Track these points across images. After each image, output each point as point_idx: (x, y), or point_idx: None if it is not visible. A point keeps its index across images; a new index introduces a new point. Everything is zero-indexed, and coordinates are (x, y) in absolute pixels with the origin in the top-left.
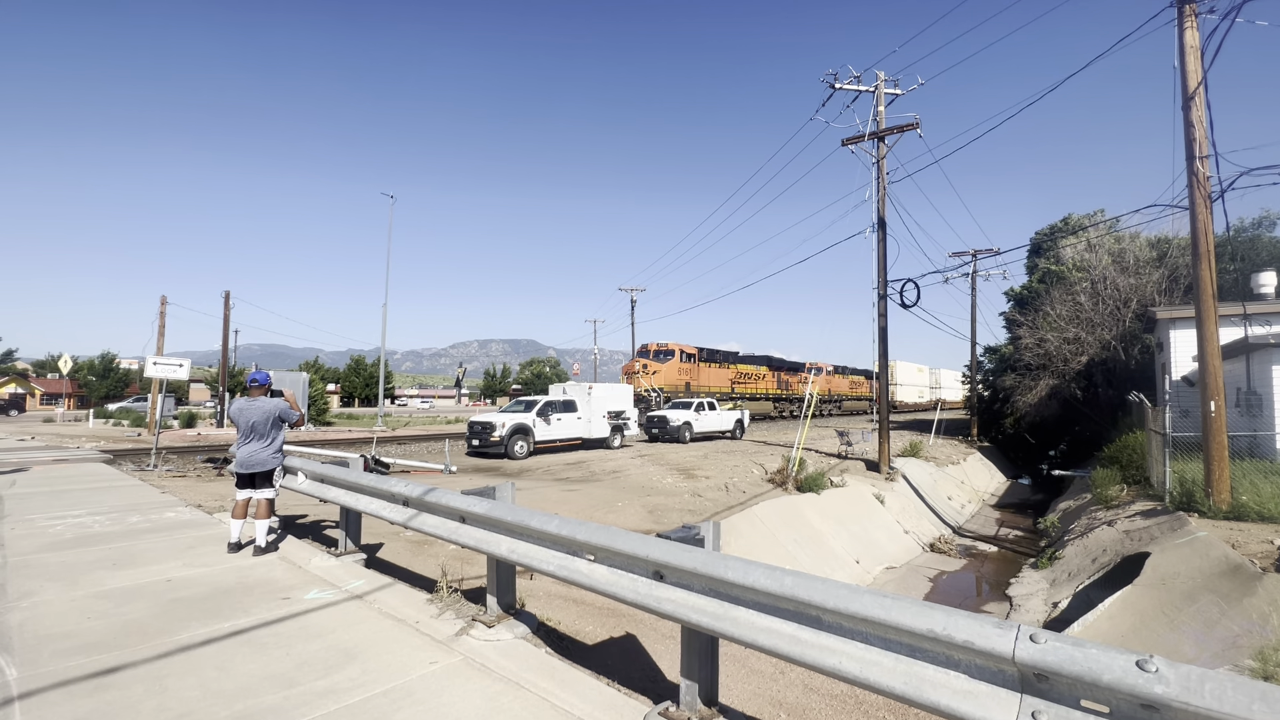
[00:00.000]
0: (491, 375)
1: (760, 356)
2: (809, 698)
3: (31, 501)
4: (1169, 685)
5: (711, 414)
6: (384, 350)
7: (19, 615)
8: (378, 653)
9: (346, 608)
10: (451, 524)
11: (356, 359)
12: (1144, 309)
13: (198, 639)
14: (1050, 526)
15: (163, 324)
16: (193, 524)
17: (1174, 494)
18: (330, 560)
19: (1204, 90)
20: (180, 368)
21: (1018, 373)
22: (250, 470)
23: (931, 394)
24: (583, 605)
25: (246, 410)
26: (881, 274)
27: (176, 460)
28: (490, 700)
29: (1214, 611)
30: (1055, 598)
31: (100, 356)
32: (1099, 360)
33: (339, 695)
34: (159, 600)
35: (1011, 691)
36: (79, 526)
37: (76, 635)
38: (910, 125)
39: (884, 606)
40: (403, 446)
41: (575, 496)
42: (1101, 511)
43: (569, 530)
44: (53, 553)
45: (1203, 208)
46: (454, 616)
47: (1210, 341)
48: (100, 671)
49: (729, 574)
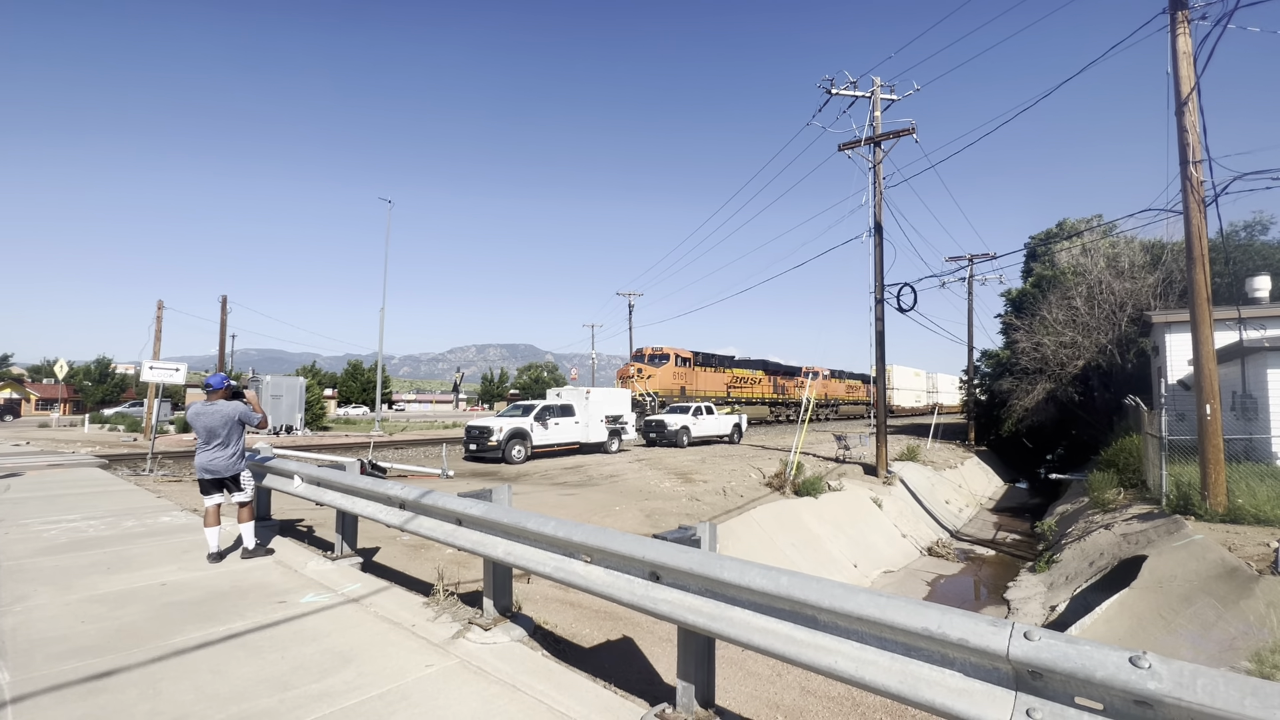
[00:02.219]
0: (489, 380)
1: (757, 361)
2: (806, 700)
3: (26, 506)
4: (1161, 681)
5: (709, 418)
6: (381, 355)
7: (12, 619)
8: (373, 656)
9: (342, 611)
10: (448, 526)
11: (354, 364)
12: (1139, 313)
13: (192, 643)
14: (1048, 530)
15: (159, 328)
16: (188, 528)
17: (1170, 497)
18: (326, 564)
19: (1197, 95)
20: (176, 372)
21: (1015, 376)
22: (214, 476)
23: (929, 398)
24: (580, 608)
25: (204, 415)
26: (878, 278)
27: (172, 465)
28: (486, 703)
29: (1210, 614)
30: (1053, 601)
31: (96, 361)
32: (1095, 364)
33: (334, 698)
34: (153, 604)
35: (1006, 689)
36: (73, 531)
37: (70, 639)
38: (906, 131)
39: (879, 605)
40: (400, 451)
41: (573, 501)
42: (1099, 515)
43: (565, 532)
44: (47, 557)
45: (1196, 212)
46: (450, 619)
47: (1205, 345)
48: (94, 675)
49: (725, 574)
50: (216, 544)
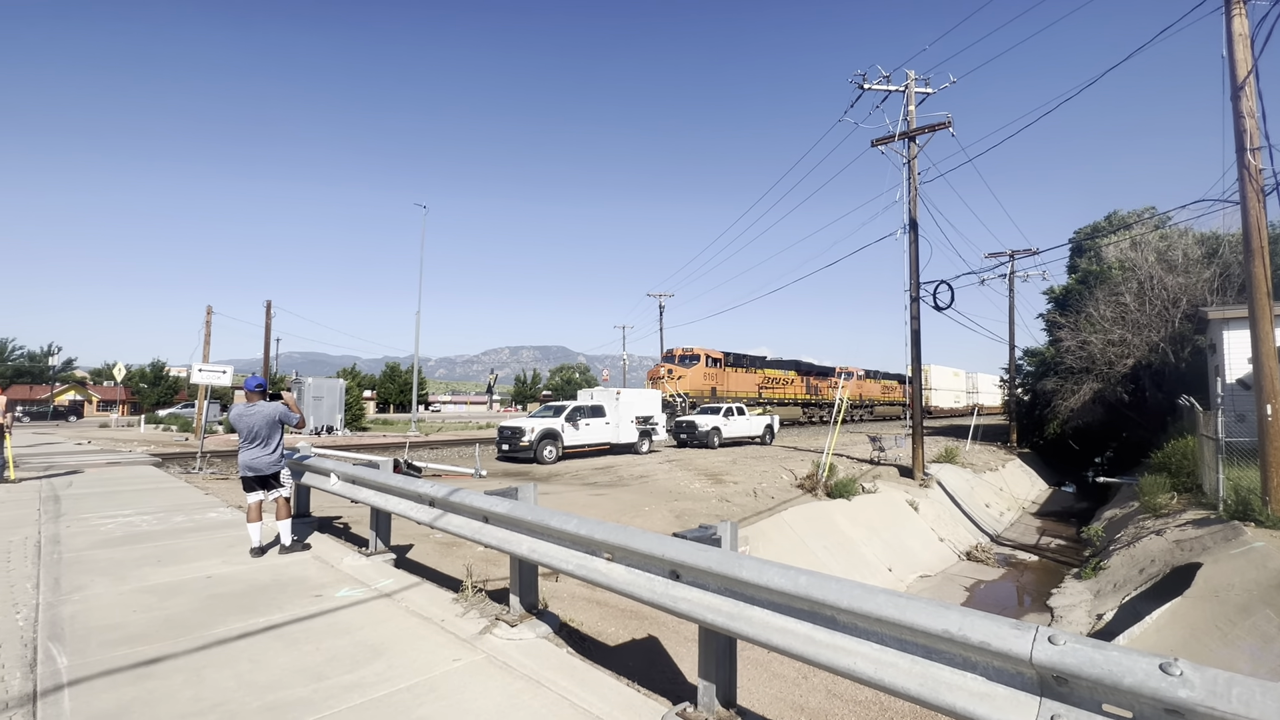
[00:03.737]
0: (522, 381)
1: (788, 361)
2: (832, 703)
3: (86, 502)
4: (1194, 689)
5: (740, 419)
6: (417, 357)
7: (70, 608)
8: (403, 649)
9: (375, 605)
10: (475, 524)
11: (391, 366)
12: (1194, 309)
13: (234, 633)
14: (1095, 535)
15: (209, 332)
16: (232, 524)
17: (1228, 502)
18: (361, 560)
19: (1254, 80)
20: (223, 375)
21: (1059, 376)
22: (256, 474)
23: (968, 399)
24: (605, 607)
25: (246, 415)
26: (914, 276)
27: (220, 463)
28: (511, 698)
29: (1271, 627)
30: (1100, 609)
31: (151, 364)
32: (1146, 363)
33: (365, 689)
34: (199, 596)
35: (1030, 694)
36: (128, 525)
37: (122, 627)
38: (942, 124)
39: (898, 606)
40: (435, 451)
41: (603, 501)
42: (1150, 520)
43: (587, 530)
44: (104, 549)
45: (1255, 202)
46: (478, 615)
47: (1266, 342)
48: (143, 662)
49: (743, 573)
50: (259, 539)
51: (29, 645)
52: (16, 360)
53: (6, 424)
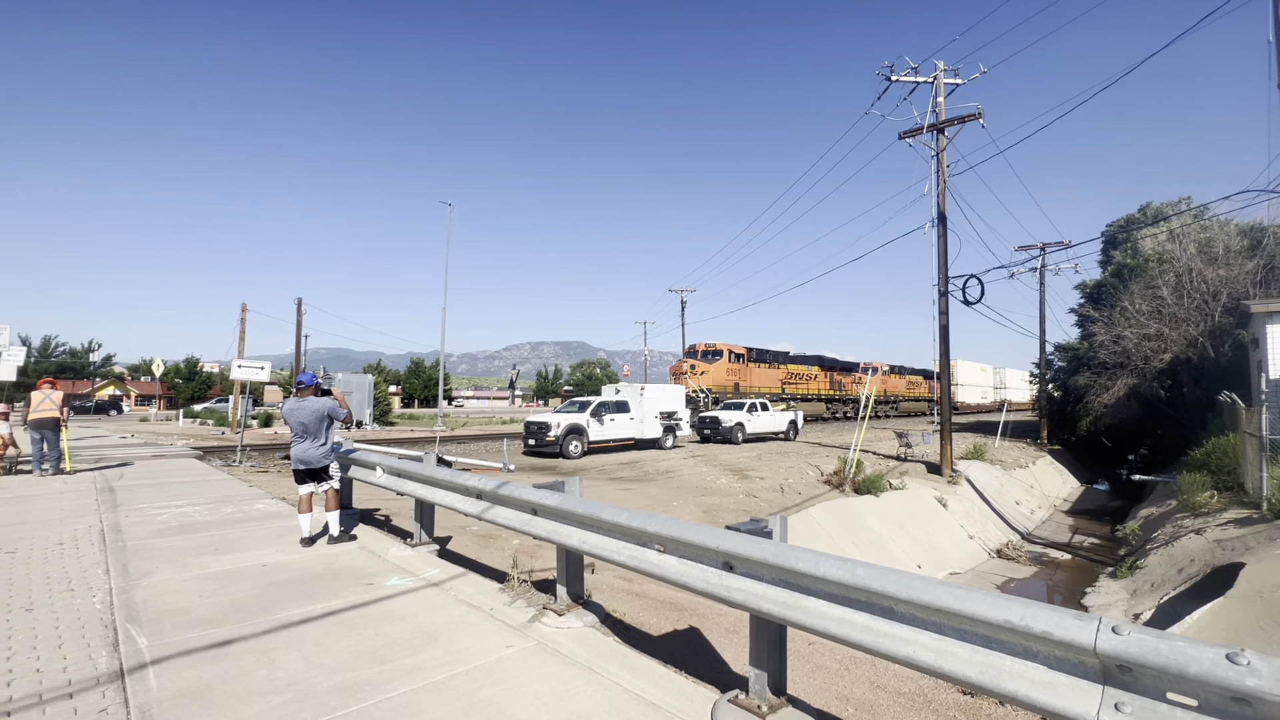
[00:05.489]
0: (544, 377)
1: (812, 356)
2: (876, 694)
3: (139, 493)
4: (1261, 678)
5: (764, 415)
6: (443, 353)
7: (141, 592)
8: (457, 636)
9: (425, 594)
10: (524, 516)
11: (416, 361)
12: (1236, 302)
13: (295, 618)
14: (1130, 534)
15: (244, 329)
16: (280, 515)
17: (1272, 501)
18: (406, 550)
19: None
20: (261, 370)
21: (1092, 371)
22: (307, 466)
23: (996, 394)
24: (645, 599)
25: (297, 410)
26: (942, 270)
27: (258, 456)
28: (565, 683)
29: None
30: (1136, 609)
31: (186, 361)
32: (1184, 358)
33: (426, 672)
34: (258, 583)
35: (1093, 683)
36: (181, 515)
37: (191, 611)
38: (972, 116)
39: (958, 597)
40: (462, 445)
41: (631, 495)
42: (1188, 519)
43: (639, 522)
44: (162, 538)
45: None
46: (525, 605)
47: None
48: (216, 644)
49: (800, 565)
50: (309, 529)
51: (109, 626)
52: (59, 357)
53: (64, 418)
